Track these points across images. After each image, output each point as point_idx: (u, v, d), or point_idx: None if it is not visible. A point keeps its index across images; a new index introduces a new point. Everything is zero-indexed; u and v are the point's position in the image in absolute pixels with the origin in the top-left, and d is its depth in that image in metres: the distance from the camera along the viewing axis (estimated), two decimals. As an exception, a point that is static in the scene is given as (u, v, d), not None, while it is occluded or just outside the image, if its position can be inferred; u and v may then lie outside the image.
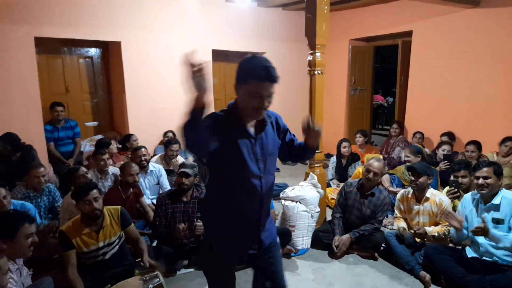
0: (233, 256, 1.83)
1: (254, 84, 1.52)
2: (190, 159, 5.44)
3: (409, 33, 5.98)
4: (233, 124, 1.61)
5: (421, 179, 3.21)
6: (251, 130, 1.66)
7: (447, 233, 3.09)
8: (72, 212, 3.04)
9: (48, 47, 5.21)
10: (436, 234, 3.09)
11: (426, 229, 3.12)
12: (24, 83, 4.61)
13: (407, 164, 4.20)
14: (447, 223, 3.05)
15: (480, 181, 2.70)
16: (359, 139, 5.72)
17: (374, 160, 3.48)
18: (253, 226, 1.74)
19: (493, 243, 2.62)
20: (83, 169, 3.59)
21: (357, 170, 4.71)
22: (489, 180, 2.67)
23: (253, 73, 1.51)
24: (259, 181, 1.66)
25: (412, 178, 3.27)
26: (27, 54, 4.59)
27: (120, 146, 5.38)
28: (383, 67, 10.29)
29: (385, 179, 4.40)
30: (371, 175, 3.40)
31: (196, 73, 1.31)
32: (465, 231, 2.81)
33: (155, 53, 5.63)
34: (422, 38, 5.77)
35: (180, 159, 4.82)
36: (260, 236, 1.76)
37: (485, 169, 2.70)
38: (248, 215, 1.71)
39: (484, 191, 2.69)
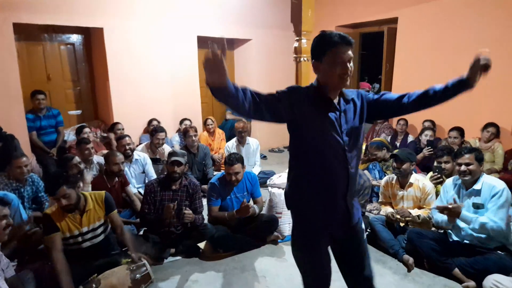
0: (325, 235, 1.79)
1: (333, 52, 1.55)
2: (177, 147, 5.42)
3: (394, 20, 5.99)
4: (317, 97, 1.63)
5: (404, 166, 3.26)
6: (335, 102, 1.66)
7: (431, 216, 3.17)
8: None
9: (27, 34, 5.07)
10: (420, 214, 3.17)
11: (410, 211, 3.19)
12: (4, 71, 4.47)
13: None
14: (432, 207, 3.13)
15: (462, 167, 2.74)
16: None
17: None
18: (342, 201, 1.71)
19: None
20: (77, 158, 3.54)
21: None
22: (471, 167, 2.72)
23: (328, 42, 1.55)
24: (344, 154, 1.64)
25: (395, 165, 3.32)
26: (5, 41, 4.44)
27: (105, 135, 5.31)
28: (369, 54, 10.35)
29: (366, 173, 4.43)
30: None
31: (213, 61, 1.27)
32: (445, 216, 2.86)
33: (139, 40, 5.52)
34: (408, 25, 5.79)
35: (166, 148, 4.79)
36: (349, 211, 1.74)
37: (466, 155, 2.75)
38: (336, 190, 1.69)
39: (466, 178, 2.74)
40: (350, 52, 1.57)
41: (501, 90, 4.75)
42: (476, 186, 2.74)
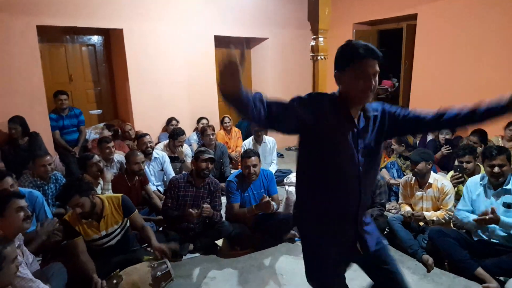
0: (338, 259, 1.71)
1: (357, 65, 1.44)
2: (194, 145, 5.48)
3: (413, 16, 5.89)
4: (336, 109, 1.51)
5: (418, 166, 3.22)
6: (355, 119, 1.55)
7: (447, 218, 3.11)
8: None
9: (50, 36, 5.20)
10: (435, 218, 3.11)
11: (424, 214, 3.15)
12: (28, 72, 4.61)
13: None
14: (449, 208, 3.08)
15: (496, 169, 2.67)
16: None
17: None
18: (351, 224, 1.63)
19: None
20: (97, 157, 3.61)
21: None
22: (504, 168, 2.67)
23: (353, 54, 1.45)
24: (358, 176, 1.54)
25: (411, 167, 3.29)
26: (29, 43, 4.58)
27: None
28: (387, 51, 10.19)
29: (384, 172, 4.39)
30: None
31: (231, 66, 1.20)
32: (471, 216, 2.80)
33: (157, 40, 5.60)
34: (427, 21, 5.68)
35: (184, 146, 4.85)
36: (360, 235, 1.65)
37: (500, 157, 2.67)
38: (345, 210, 1.62)
39: (500, 179, 2.68)
40: (376, 67, 1.45)
41: (525, 87, 4.62)
42: (506, 186, 2.68)
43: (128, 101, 5.60)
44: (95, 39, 5.75)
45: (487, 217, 2.52)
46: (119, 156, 4.20)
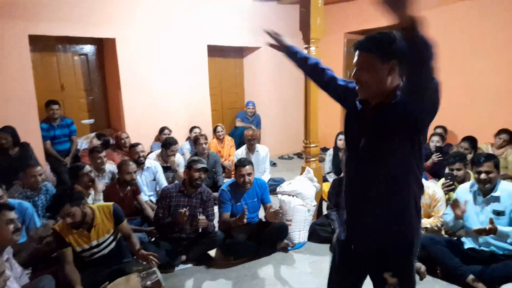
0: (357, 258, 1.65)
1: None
2: (187, 155, 5.46)
3: (404, 26, 5.97)
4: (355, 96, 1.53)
5: None
6: (361, 109, 1.53)
7: (439, 225, 3.13)
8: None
9: (42, 45, 5.19)
10: (428, 226, 3.13)
11: None
12: (19, 81, 4.58)
13: None
14: (440, 215, 3.09)
15: (483, 176, 2.69)
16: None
17: None
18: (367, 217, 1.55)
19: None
20: (88, 167, 3.58)
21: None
22: (491, 175, 2.69)
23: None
24: (359, 168, 1.53)
25: None
26: (21, 52, 4.56)
27: (114, 143, 5.39)
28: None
29: None
30: None
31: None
32: (460, 220, 2.83)
33: (150, 49, 5.62)
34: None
35: (176, 156, 4.83)
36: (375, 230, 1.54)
37: (486, 163, 2.70)
38: (355, 207, 1.58)
39: (487, 186, 2.71)
40: (358, 57, 1.41)
41: (513, 95, 4.71)
42: (495, 193, 2.70)
43: (121, 110, 5.58)
44: (88, 48, 5.74)
45: (486, 227, 2.52)
46: (111, 166, 4.17)
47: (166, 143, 4.73)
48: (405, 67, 1.30)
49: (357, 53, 1.42)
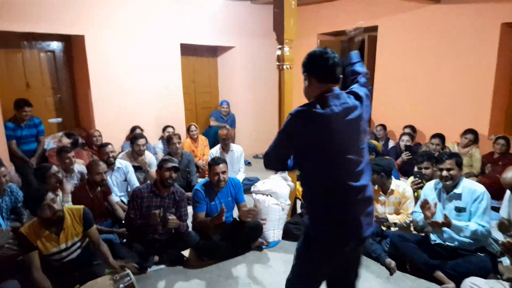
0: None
1: None
2: (160, 154, 5.38)
3: (375, 28, 6.14)
4: None
5: (372, 177, 3.33)
6: None
7: (408, 222, 3.24)
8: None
9: (6, 41, 4.97)
10: (397, 221, 3.24)
11: (387, 217, 3.26)
12: (-19, 78, 4.38)
13: None
14: (409, 212, 3.20)
15: (444, 173, 2.81)
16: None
17: None
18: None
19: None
20: (55, 168, 3.44)
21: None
22: (452, 172, 2.80)
23: None
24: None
25: None
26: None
27: (84, 142, 5.24)
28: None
29: None
30: None
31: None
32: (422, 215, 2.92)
33: (121, 47, 5.49)
34: (387, 33, 5.93)
35: (148, 155, 4.75)
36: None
37: (448, 161, 2.81)
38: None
39: (448, 183, 2.81)
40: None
41: (477, 97, 4.92)
42: (457, 190, 2.81)
43: (90, 109, 5.43)
44: (55, 45, 5.55)
45: (439, 221, 2.66)
46: (79, 166, 4.04)
47: (132, 138, 4.64)
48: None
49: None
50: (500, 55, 4.71)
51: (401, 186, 3.39)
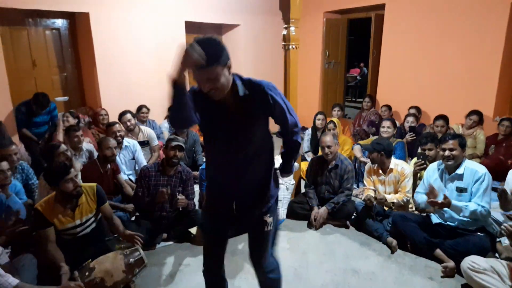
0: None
1: None
2: (166, 133, 5.43)
3: (382, 6, 6.03)
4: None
5: (372, 155, 3.47)
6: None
7: (405, 200, 3.32)
8: (50, 189, 3.01)
9: (11, 19, 4.95)
10: (395, 200, 3.33)
11: (386, 196, 3.34)
12: (-13, 57, 4.39)
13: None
14: (406, 190, 3.29)
15: (446, 153, 2.84)
16: (338, 112, 5.81)
17: (324, 135, 3.64)
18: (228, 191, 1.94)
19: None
20: (63, 146, 3.50)
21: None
22: (454, 152, 2.83)
23: None
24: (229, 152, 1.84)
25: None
26: (-12, 26, 4.35)
27: (90, 120, 5.29)
28: (357, 40, 10.36)
29: (357, 149, 4.60)
30: (327, 150, 3.56)
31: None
32: (425, 197, 2.95)
33: (126, 25, 5.46)
34: (394, 11, 5.83)
35: (147, 130, 4.82)
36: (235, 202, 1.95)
37: (451, 141, 2.84)
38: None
39: (450, 162, 2.85)
40: (205, 73, 1.65)
41: (484, 78, 4.88)
42: (459, 171, 2.85)
43: (96, 88, 5.45)
44: (60, 22, 5.52)
45: (439, 201, 2.70)
46: (87, 145, 4.11)
47: (119, 115, 4.74)
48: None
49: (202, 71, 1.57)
50: (508, 35, 4.63)
51: (399, 164, 3.46)
